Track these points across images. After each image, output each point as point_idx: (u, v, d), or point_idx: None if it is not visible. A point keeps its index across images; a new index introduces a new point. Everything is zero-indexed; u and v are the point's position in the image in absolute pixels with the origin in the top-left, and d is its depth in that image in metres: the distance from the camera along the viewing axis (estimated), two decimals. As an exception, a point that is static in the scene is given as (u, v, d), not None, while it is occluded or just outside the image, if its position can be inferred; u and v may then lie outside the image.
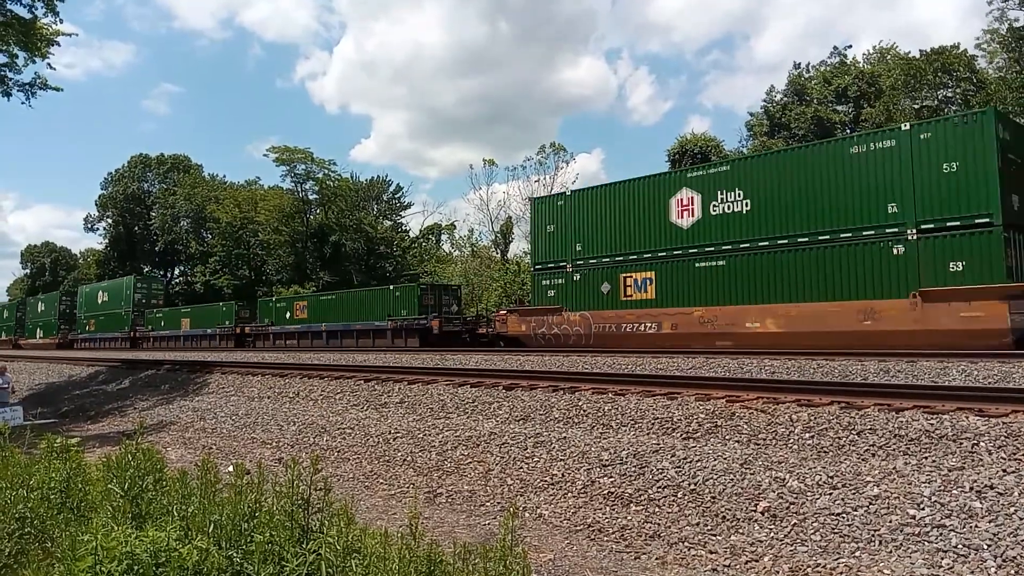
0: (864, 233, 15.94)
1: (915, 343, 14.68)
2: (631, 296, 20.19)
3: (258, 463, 4.84)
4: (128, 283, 50.99)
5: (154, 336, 47.12)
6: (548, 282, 22.28)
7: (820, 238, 16.62)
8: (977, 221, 14.47)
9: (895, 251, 15.37)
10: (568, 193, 22.70)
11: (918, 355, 12.86)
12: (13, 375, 28.00)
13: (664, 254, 19.60)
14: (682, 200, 19.45)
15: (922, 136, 15.18)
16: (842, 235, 16.26)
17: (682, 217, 19.42)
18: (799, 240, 16.97)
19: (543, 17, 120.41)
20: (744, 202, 18.13)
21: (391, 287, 33.00)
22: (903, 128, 15.75)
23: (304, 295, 40.60)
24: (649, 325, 19.56)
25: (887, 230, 15.60)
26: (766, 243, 17.56)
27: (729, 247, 18.28)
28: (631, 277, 20.25)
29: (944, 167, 14.81)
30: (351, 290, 38.69)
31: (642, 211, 20.23)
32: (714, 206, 18.73)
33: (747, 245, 17.94)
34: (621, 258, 20.58)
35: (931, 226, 15.03)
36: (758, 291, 17.55)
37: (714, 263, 18.52)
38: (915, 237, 15.18)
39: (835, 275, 16.28)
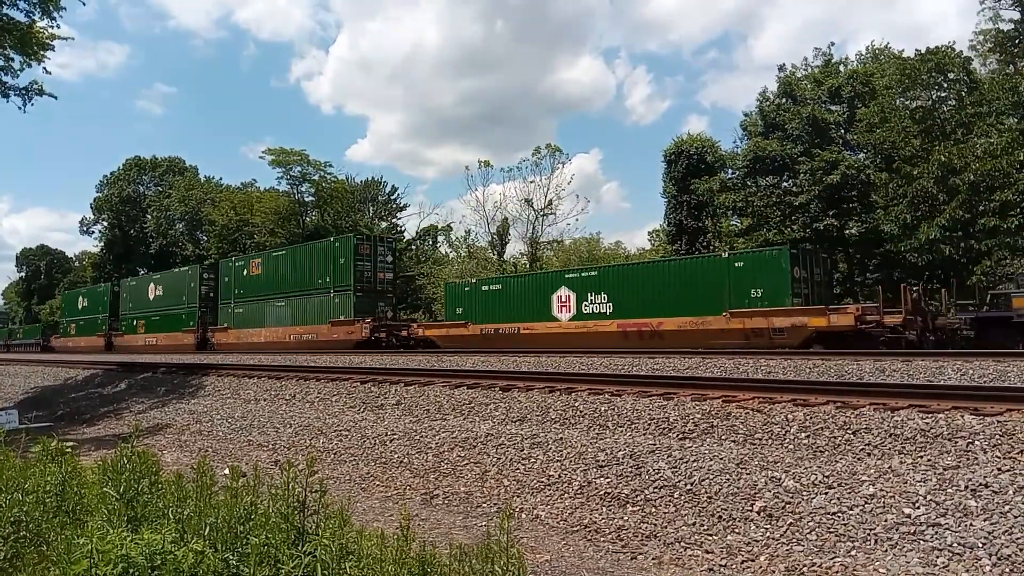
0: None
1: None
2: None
3: (254, 465, 4.84)
4: None
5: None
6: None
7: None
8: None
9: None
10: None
11: (913, 355, 12.96)
12: (9, 379, 27.95)
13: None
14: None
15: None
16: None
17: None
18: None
19: (540, 16, 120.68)
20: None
21: (40, 324, 65.13)
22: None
23: (17, 327, 68.84)
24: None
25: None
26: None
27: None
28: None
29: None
30: (37, 324, 67.16)
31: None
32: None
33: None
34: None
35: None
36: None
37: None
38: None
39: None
